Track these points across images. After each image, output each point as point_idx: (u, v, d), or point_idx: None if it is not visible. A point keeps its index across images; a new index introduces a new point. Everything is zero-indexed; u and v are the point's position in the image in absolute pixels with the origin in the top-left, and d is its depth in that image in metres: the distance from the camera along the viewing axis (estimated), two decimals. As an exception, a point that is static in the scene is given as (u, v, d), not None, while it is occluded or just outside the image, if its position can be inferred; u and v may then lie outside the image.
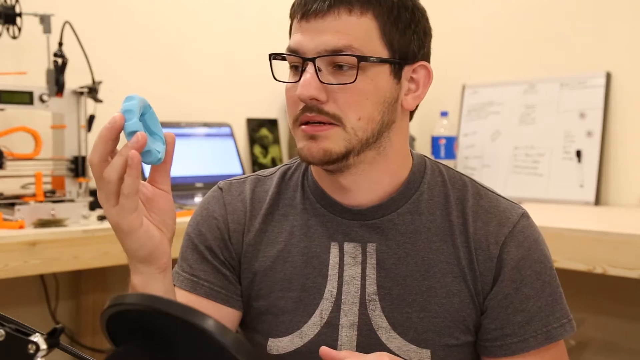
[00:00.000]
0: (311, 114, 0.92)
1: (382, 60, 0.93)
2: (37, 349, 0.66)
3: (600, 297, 2.27)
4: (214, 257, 1.03)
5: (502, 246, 0.96)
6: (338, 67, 0.91)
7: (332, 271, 0.99)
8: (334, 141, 0.92)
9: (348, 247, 0.99)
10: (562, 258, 1.71)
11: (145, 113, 0.82)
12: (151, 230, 0.85)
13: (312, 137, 0.92)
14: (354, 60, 0.91)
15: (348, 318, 0.98)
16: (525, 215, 1.00)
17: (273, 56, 0.97)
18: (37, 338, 0.67)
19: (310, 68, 0.91)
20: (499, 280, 0.96)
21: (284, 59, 0.97)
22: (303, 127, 0.93)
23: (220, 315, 1.01)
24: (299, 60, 0.93)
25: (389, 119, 0.95)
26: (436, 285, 0.96)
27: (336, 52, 0.90)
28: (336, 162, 0.94)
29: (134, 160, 0.78)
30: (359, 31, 0.91)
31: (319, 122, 0.92)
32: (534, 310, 0.96)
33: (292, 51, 0.93)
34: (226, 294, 1.03)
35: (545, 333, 0.95)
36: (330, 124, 0.92)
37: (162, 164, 0.85)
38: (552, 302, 0.96)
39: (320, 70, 0.91)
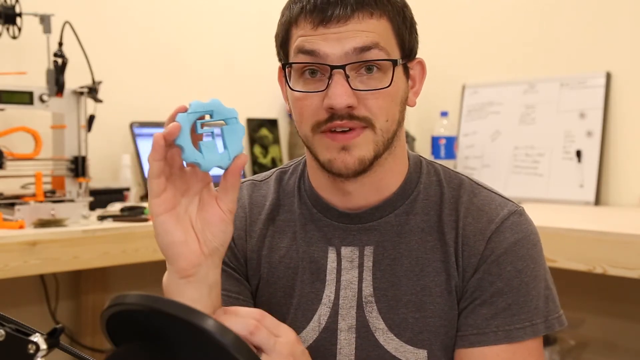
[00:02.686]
0: (342, 121, 0.90)
1: (403, 62, 0.93)
2: (37, 349, 0.66)
3: (600, 297, 2.27)
4: (225, 264, 1.02)
5: (487, 242, 0.95)
6: (367, 70, 0.90)
7: (330, 276, 0.99)
8: (364, 147, 0.91)
9: (345, 251, 0.99)
10: (562, 258, 1.70)
11: (228, 123, 0.82)
12: (174, 226, 0.81)
13: (343, 148, 0.91)
14: (385, 64, 0.90)
15: (346, 322, 0.97)
16: (518, 213, 0.97)
17: (289, 64, 0.93)
18: (37, 338, 0.67)
19: (339, 76, 0.89)
20: (477, 271, 0.94)
21: (287, 64, 0.94)
22: (332, 135, 0.91)
23: None
24: (320, 66, 0.90)
25: (402, 117, 0.96)
26: (430, 284, 0.96)
27: (366, 49, 0.89)
28: (366, 170, 0.93)
29: (154, 144, 0.78)
30: (380, 34, 0.90)
31: (349, 128, 0.90)
32: (502, 306, 0.93)
33: (311, 56, 0.90)
34: (244, 299, 1.02)
35: (506, 332, 0.92)
36: (360, 127, 0.91)
37: (224, 182, 0.83)
38: (523, 303, 0.93)
39: (348, 77, 0.89)
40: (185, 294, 0.83)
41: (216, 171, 0.83)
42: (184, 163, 0.82)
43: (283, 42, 0.96)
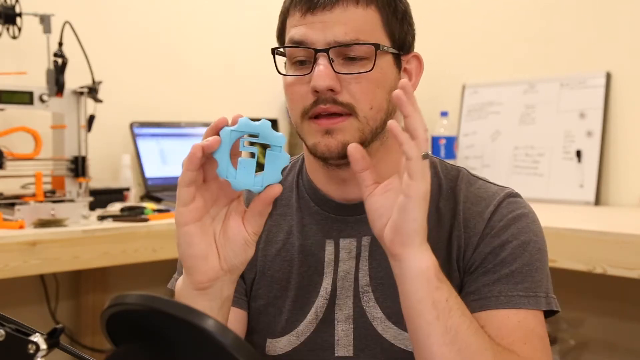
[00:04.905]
0: (326, 106, 0.91)
1: (391, 50, 0.94)
2: (37, 349, 0.66)
3: (600, 297, 2.27)
4: None
5: (487, 222, 0.96)
6: (349, 59, 0.91)
7: (328, 268, 0.99)
8: (349, 133, 0.92)
9: (344, 242, 1.00)
10: (562, 258, 1.70)
11: (273, 149, 0.80)
12: (197, 238, 0.82)
13: (327, 132, 0.92)
14: (368, 50, 0.91)
15: (343, 312, 0.98)
16: (512, 194, 0.99)
17: (276, 50, 0.96)
18: (37, 338, 0.67)
19: (323, 59, 0.90)
20: (479, 246, 0.95)
21: (282, 54, 0.96)
22: (317, 120, 0.92)
23: (232, 318, 1.00)
24: (305, 54, 0.92)
25: (392, 108, 0.96)
26: None
27: (347, 44, 0.90)
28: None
29: (192, 154, 0.79)
30: (366, 23, 0.92)
31: (333, 114, 0.91)
32: (504, 273, 0.93)
33: (298, 43, 0.92)
34: (236, 296, 1.01)
35: (508, 297, 0.92)
36: (345, 114, 0.92)
37: (253, 206, 0.82)
38: (527, 272, 0.93)
39: (332, 61, 0.91)
40: (196, 304, 0.83)
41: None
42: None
43: (280, 34, 0.98)
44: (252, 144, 0.82)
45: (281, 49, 0.95)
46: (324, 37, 0.90)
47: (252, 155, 0.81)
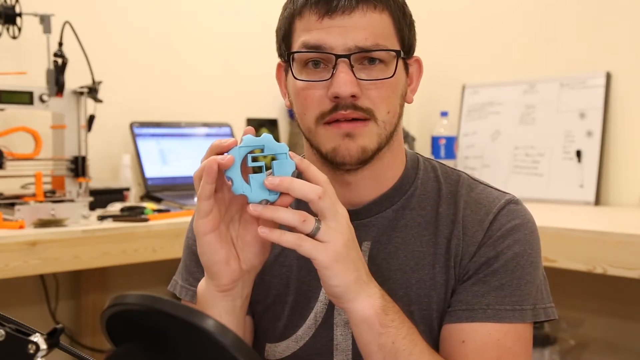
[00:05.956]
0: (346, 112, 0.91)
1: (403, 57, 0.95)
2: (37, 349, 0.66)
3: (600, 297, 2.27)
4: None
5: (486, 231, 0.96)
6: (369, 62, 0.92)
7: None
8: (368, 137, 0.92)
9: None
10: (562, 258, 1.70)
11: (278, 158, 0.84)
12: (218, 245, 0.85)
13: (348, 135, 0.92)
14: (386, 55, 0.92)
15: (342, 317, 0.98)
16: (513, 201, 0.99)
17: (294, 54, 0.94)
18: (37, 338, 0.67)
19: (343, 65, 0.90)
20: (475, 255, 0.95)
21: (288, 57, 0.95)
22: (336, 124, 0.92)
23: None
24: (321, 56, 0.92)
25: (401, 111, 0.97)
26: (425, 277, 0.96)
27: (369, 50, 0.90)
28: (368, 161, 0.94)
29: (209, 169, 0.82)
30: (382, 28, 0.92)
31: (353, 119, 0.92)
32: (495, 285, 0.93)
33: (316, 48, 0.91)
34: None
35: (495, 311, 0.92)
36: (364, 119, 0.92)
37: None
38: (516, 285, 0.94)
39: (352, 66, 0.91)
40: (220, 305, 0.88)
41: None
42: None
43: (285, 35, 0.97)
44: (254, 159, 0.85)
45: (302, 52, 0.93)
46: (344, 42, 0.90)
47: (259, 169, 0.85)
